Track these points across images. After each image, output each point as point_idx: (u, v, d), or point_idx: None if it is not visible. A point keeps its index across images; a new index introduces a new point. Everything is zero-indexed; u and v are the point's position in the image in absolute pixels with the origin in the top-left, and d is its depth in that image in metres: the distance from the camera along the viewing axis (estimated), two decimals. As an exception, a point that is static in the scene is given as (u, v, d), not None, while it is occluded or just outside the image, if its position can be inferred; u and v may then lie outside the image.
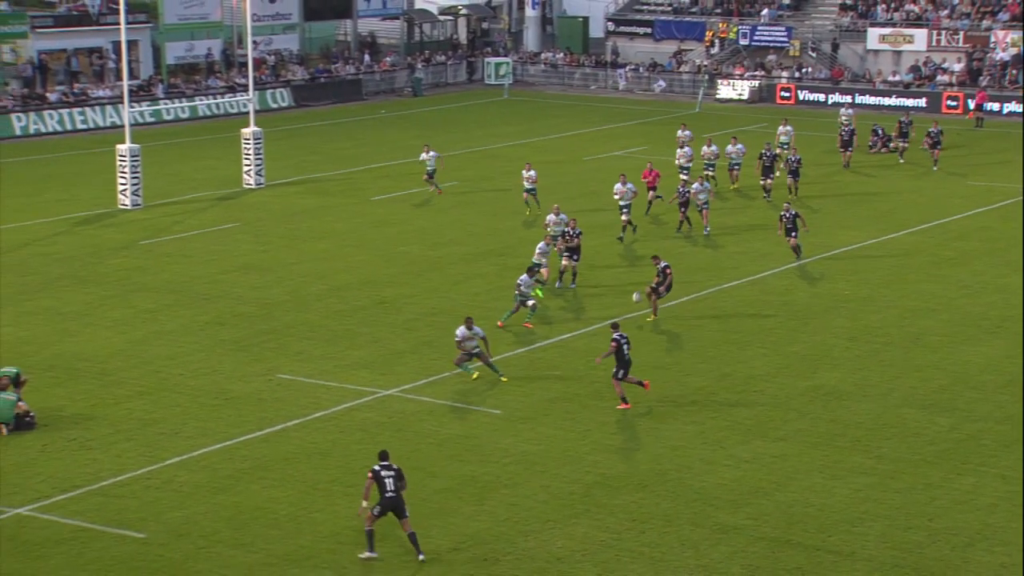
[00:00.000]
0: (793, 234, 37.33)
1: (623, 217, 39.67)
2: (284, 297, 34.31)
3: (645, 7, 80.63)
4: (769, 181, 45.27)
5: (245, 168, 48.03)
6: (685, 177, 44.75)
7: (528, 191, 42.82)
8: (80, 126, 58.62)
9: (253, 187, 47.75)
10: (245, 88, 52.03)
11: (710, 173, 45.81)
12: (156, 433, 25.45)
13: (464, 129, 61.64)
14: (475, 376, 28.01)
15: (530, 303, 31.76)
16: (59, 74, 63.28)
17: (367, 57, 73.87)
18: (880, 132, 55.25)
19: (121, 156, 44.44)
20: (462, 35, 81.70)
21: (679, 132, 49.60)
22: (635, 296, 32.15)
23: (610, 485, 23.36)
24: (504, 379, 28.04)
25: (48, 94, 60.12)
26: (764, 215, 43.23)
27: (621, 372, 26.87)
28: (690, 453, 24.78)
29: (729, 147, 47.25)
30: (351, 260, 38.09)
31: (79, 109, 59.06)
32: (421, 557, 20.46)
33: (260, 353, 29.88)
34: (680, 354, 30.40)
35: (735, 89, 71.41)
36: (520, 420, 26.30)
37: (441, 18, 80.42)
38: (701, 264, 37.85)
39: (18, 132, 56.65)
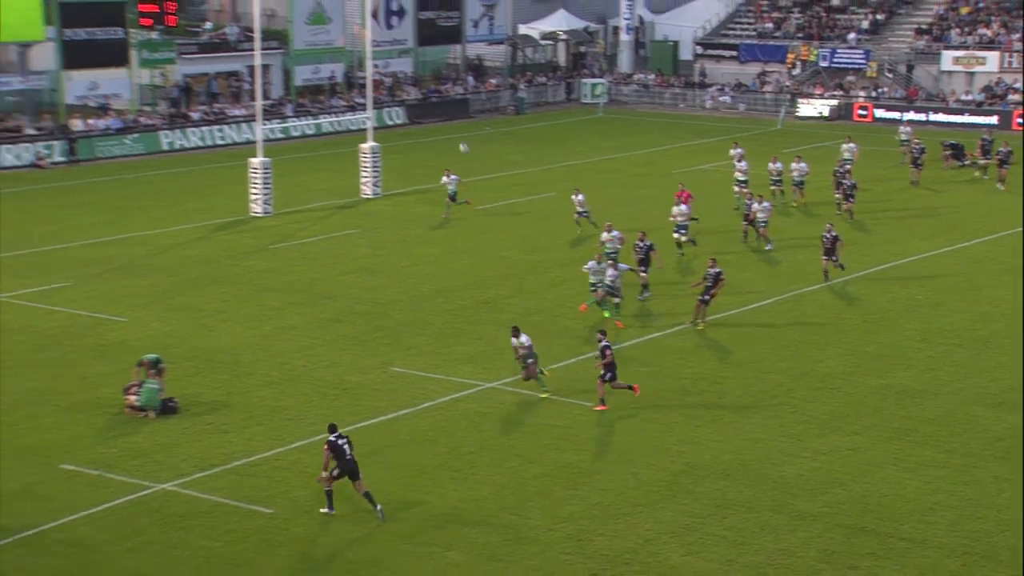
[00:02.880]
0: (833, 257, 35.17)
1: (676, 235, 38.23)
2: (397, 297, 34.55)
3: (731, 32, 79.92)
4: (850, 205, 44.32)
5: (363, 179, 48.46)
6: (745, 190, 43.82)
7: (580, 214, 41.31)
8: (218, 142, 59.57)
9: (370, 197, 48.17)
10: (364, 107, 52.54)
11: (777, 189, 45.17)
12: (283, 419, 25.77)
13: (562, 144, 61.57)
14: (544, 395, 26.91)
15: (616, 300, 31.53)
16: (201, 95, 64.44)
17: (473, 79, 74.11)
18: (952, 146, 53.96)
19: (254, 169, 45.09)
20: (561, 58, 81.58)
21: (732, 150, 48.81)
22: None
23: (694, 473, 23.18)
24: (544, 395, 26.90)
25: (191, 113, 61.20)
26: (838, 227, 42.63)
27: (609, 375, 26.20)
28: (770, 445, 24.50)
29: (793, 165, 46.09)
30: (457, 264, 38.24)
31: (218, 126, 60.04)
32: (379, 507, 21.04)
33: (375, 348, 30.13)
34: (761, 353, 30.06)
35: (814, 107, 70.44)
36: (611, 412, 26.20)
37: (542, 43, 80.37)
38: (783, 271, 37.41)
39: (164, 147, 57.74)
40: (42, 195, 47.82)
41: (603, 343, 26.22)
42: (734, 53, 77.65)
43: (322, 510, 21.34)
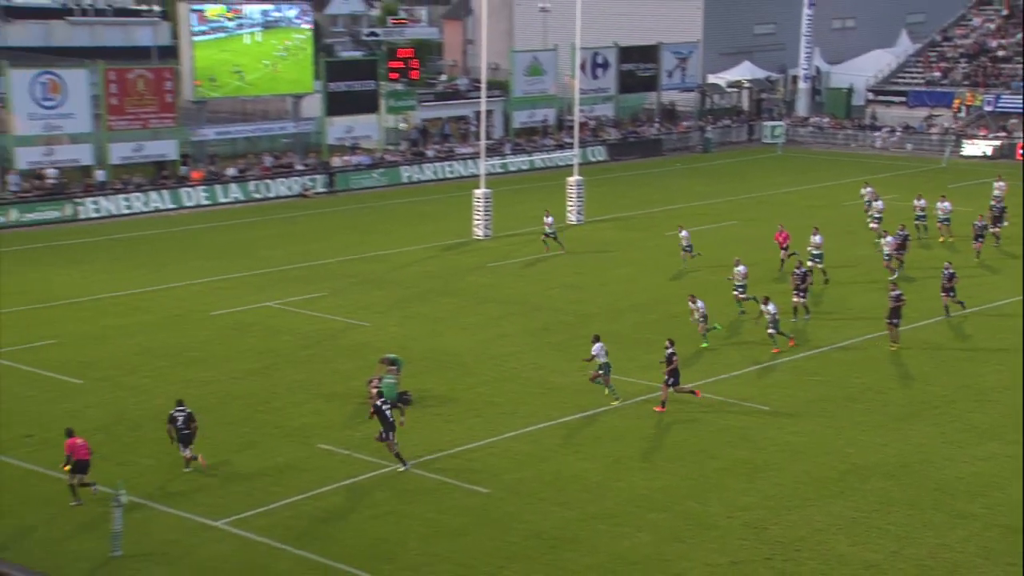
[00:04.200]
0: (951, 293, 32.71)
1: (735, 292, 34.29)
2: (596, 310, 34.46)
3: (901, 80, 76.96)
4: (998, 229, 41.95)
5: (569, 208, 48.56)
6: (876, 226, 41.70)
7: (684, 248, 39.58)
8: (448, 175, 60.72)
9: (575, 223, 48.26)
10: (571, 146, 52.75)
11: (921, 224, 43.00)
12: (497, 413, 26.00)
13: (744, 179, 60.35)
14: (614, 403, 26.15)
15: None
16: (435, 136, 65.95)
17: (659, 121, 73.53)
18: None
19: (477, 198, 45.76)
20: (745, 103, 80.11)
21: (863, 189, 46.49)
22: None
23: (861, 473, 22.32)
24: (615, 402, 26.09)
25: (427, 151, 62.63)
26: (987, 256, 40.49)
27: (672, 380, 25.44)
28: (932, 450, 23.39)
29: (938, 204, 43.44)
30: (649, 282, 37.90)
31: (448, 162, 61.24)
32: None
33: (577, 353, 30.04)
34: (922, 368, 28.76)
35: (978, 147, 67.02)
36: (785, 415, 25.52)
37: (728, 90, 79.14)
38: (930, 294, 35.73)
39: (404, 180, 59.25)
40: (306, 220, 49.73)
41: (669, 351, 25.60)
42: (903, 98, 74.69)
43: (399, 468, 22.31)
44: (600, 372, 26.18)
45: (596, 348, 26.27)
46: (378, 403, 22.73)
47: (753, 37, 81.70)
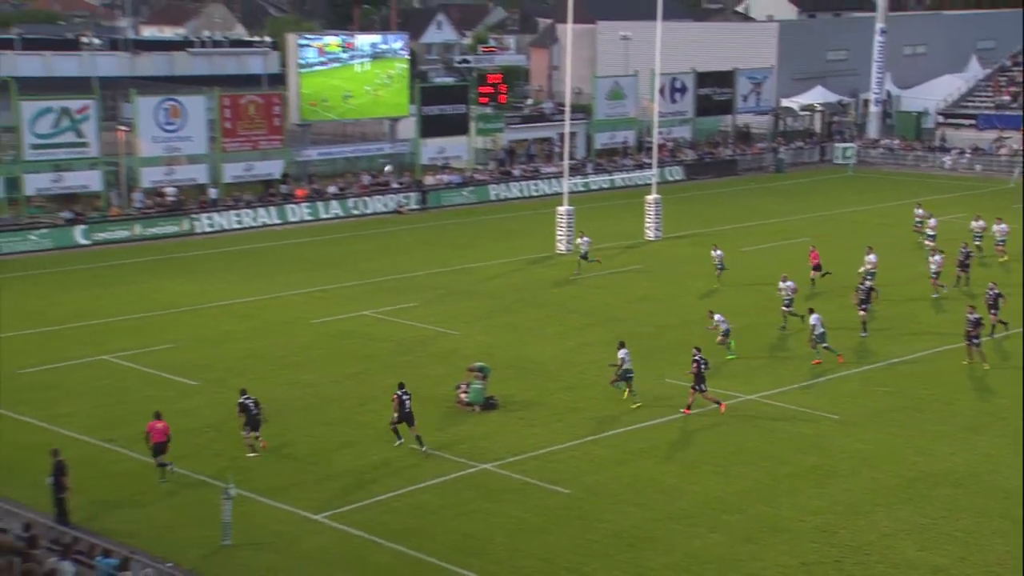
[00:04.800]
0: (994, 311, 31.44)
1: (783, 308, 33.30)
2: (672, 321, 34.17)
3: (971, 103, 75.06)
4: None
5: (647, 225, 48.30)
6: (932, 244, 40.45)
7: (717, 267, 38.91)
8: (533, 193, 60.80)
9: (652, 239, 47.99)
10: (650, 165, 52.50)
11: (978, 244, 41.76)
12: (578, 417, 25.94)
13: (815, 198, 59.36)
14: (635, 406, 26.05)
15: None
16: (521, 156, 66.20)
17: (733, 143, 72.74)
18: None
19: (560, 215, 45.80)
20: (817, 126, 78.85)
21: (916, 209, 45.11)
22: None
23: (929, 480, 21.77)
24: (635, 405, 25.95)
25: (513, 170, 62.83)
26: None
27: (698, 385, 25.36)
28: (999, 460, 22.71)
29: (995, 227, 42.27)
30: (724, 295, 37.44)
31: (533, 181, 61.31)
32: (424, 448, 23.06)
33: (654, 362, 29.88)
34: (992, 380, 27.92)
35: (1046, 168, 64.99)
36: (854, 424, 25.01)
37: (801, 113, 77.98)
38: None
39: (492, 197, 59.45)
40: (401, 235, 50.26)
41: (696, 357, 25.54)
42: (973, 121, 72.82)
43: (396, 443, 23.52)
44: (617, 377, 26.54)
45: (622, 353, 26.64)
46: (399, 392, 23.79)
47: (826, 63, 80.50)
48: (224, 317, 34.98)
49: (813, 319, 29.74)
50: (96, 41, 67.86)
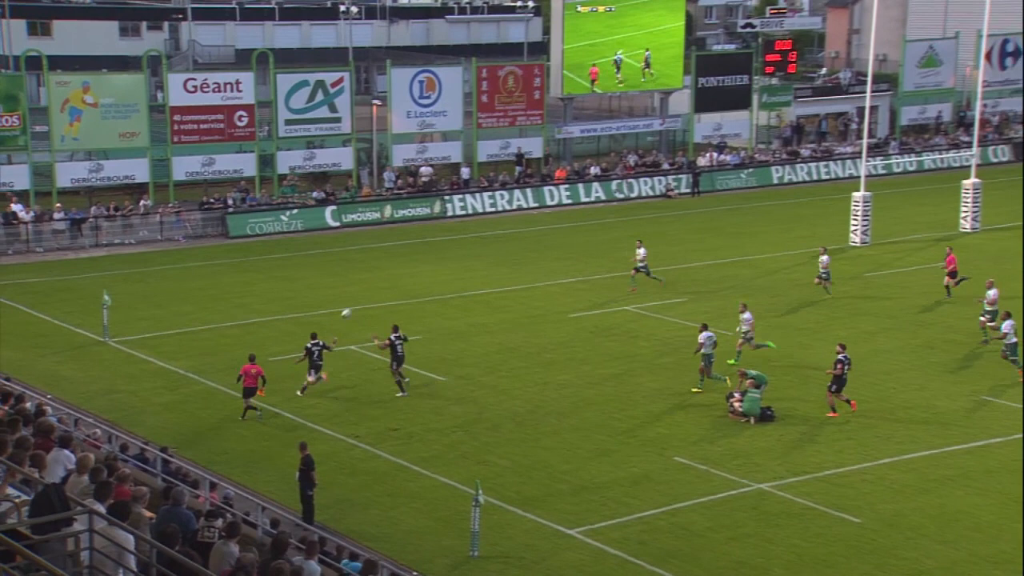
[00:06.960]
0: None
1: None
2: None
3: None
4: None
5: (963, 214, 45.83)
6: None
7: (822, 276, 36.61)
8: (824, 176, 59.02)
9: (968, 231, 45.43)
10: (968, 145, 49.67)
11: None
12: (872, 436, 24.98)
13: None
14: (695, 391, 27.51)
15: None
16: (811, 134, 64.38)
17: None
18: None
19: (855, 202, 44.24)
20: None
21: None
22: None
23: None
24: (695, 390, 27.44)
25: (801, 150, 61.26)
26: None
27: (835, 387, 25.96)
28: None
29: None
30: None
31: (824, 163, 59.53)
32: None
33: (967, 375, 28.30)
34: None
35: None
36: None
37: None
38: None
39: (775, 181, 58.23)
40: (669, 221, 50.07)
41: (840, 356, 25.99)
42: None
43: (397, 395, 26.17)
44: (703, 365, 27.66)
45: (703, 336, 27.73)
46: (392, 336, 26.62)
47: None
48: (475, 308, 36.10)
49: (1005, 326, 28.24)
50: (353, 9, 71.88)
